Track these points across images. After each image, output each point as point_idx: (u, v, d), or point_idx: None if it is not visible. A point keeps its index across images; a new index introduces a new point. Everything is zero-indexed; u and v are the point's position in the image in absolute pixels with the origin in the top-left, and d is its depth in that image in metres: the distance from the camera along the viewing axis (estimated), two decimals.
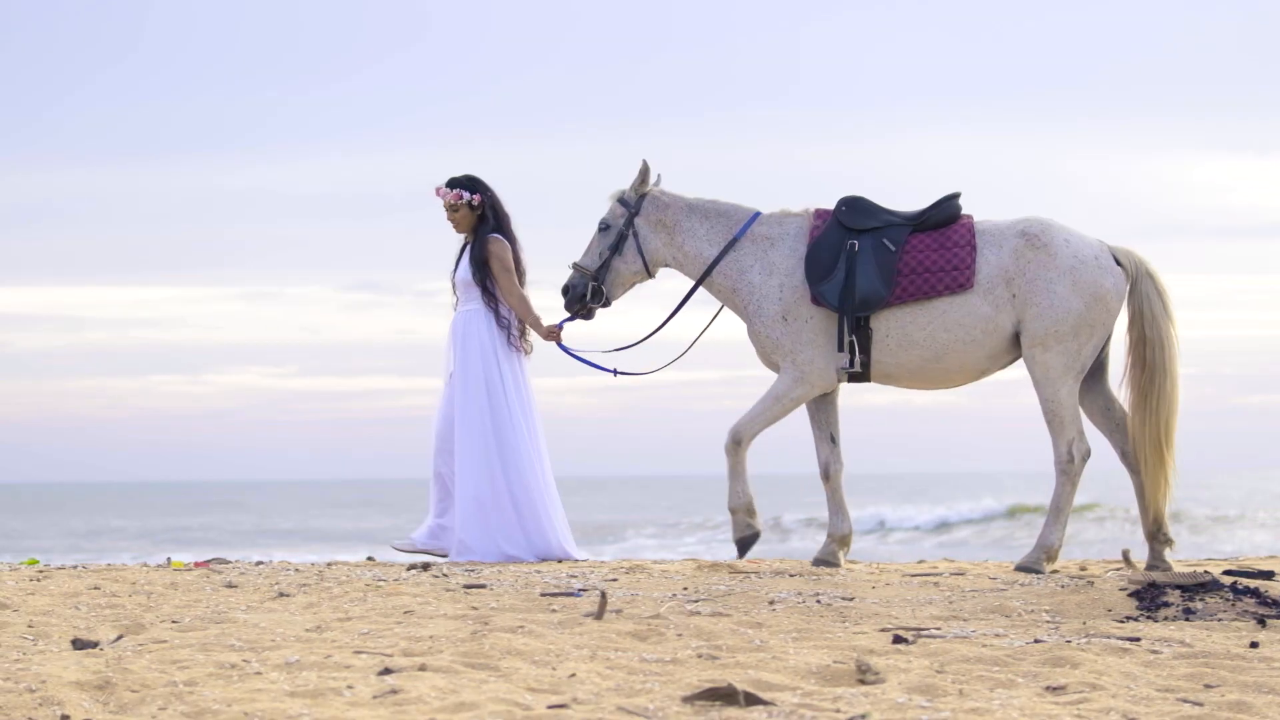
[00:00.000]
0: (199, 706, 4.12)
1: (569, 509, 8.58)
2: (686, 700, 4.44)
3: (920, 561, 8.95)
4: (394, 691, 4.35)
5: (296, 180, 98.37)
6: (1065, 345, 7.58)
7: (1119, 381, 7.83)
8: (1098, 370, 7.87)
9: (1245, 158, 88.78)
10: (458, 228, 8.47)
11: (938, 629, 5.80)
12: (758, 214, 7.99)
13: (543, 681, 4.62)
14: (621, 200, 8.05)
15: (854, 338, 7.64)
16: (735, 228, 7.94)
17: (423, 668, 4.70)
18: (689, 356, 8.14)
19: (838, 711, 4.40)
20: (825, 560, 7.87)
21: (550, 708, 4.28)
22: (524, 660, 4.93)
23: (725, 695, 4.44)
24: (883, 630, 5.73)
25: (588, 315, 8.06)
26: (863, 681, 4.84)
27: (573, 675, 4.70)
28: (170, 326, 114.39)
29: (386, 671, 4.63)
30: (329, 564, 8.00)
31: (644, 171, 8.07)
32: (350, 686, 4.38)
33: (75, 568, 7.52)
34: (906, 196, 7.94)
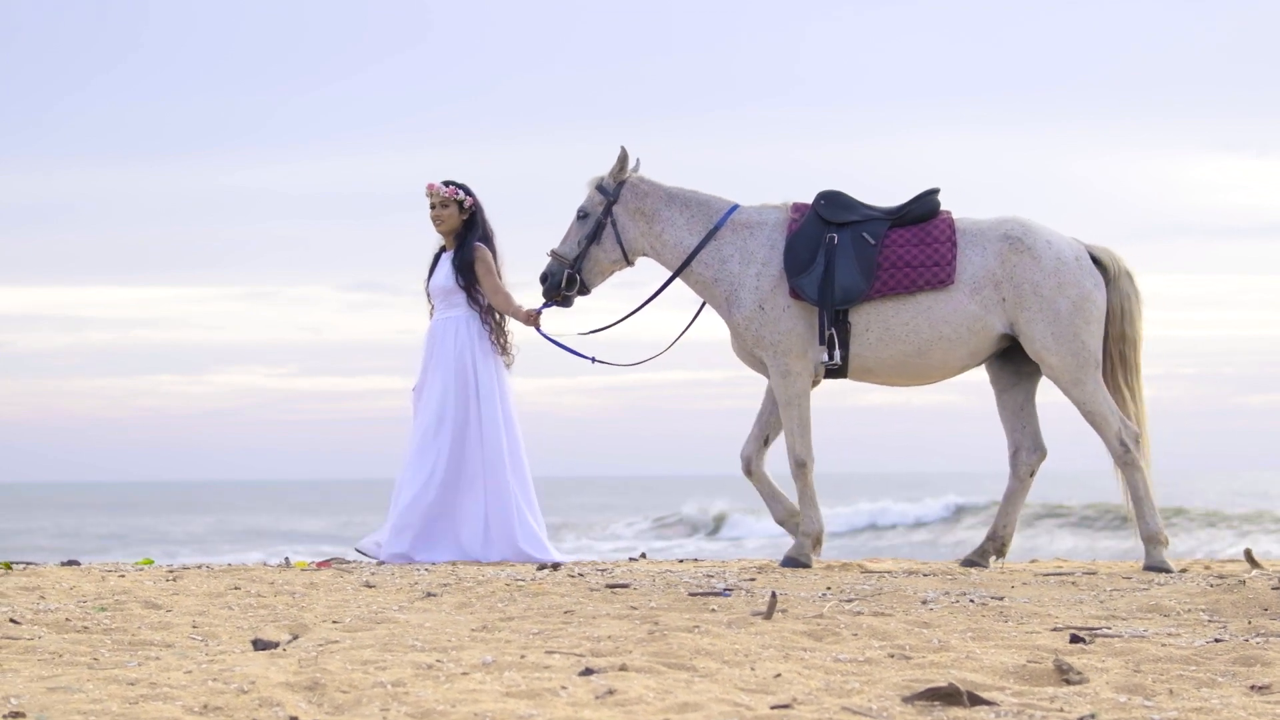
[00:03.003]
0: (422, 708, 4.00)
1: (568, 509, 8.44)
2: (907, 700, 4.32)
3: (1033, 560, 8.85)
4: (611, 692, 4.23)
5: (296, 180, 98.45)
6: (1068, 346, 7.53)
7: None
8: (1036, 372, 7.82)
9: (1245, 158, 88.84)
10: (441, 226, 8.32)
11: (1109, 628, 5.70)
12: (736, 206, 7.90)
13: (748, 682, 4.50)
14: (600, 188, 7.94)
15: (833, 331, 7.55)
16: (715, 218, 7.84)
17: (623, 668, 4.58)
18: (692, 356, 8.16)
19: (1061, 711, 4.29)
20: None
21: (774, 708, 4.17)
22: (716, 660, 4.81)
23: (947, 695, 4.33)
24: (1054, 630, 5.62)
25: (565, 303, 7.95)
26: (1067, 681, 4.72)
27: (778, 676, 4.58)
28: (171, 326, 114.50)
29: (588, 672, 4.51)
30: (454, 564, 7.88)
31: (622, 159, 7.95)
32: (564, 687, 4.26)
33: (200, 568, 7.40)
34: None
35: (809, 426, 7.73)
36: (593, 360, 8.03)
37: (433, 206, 8.29)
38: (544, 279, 7.95)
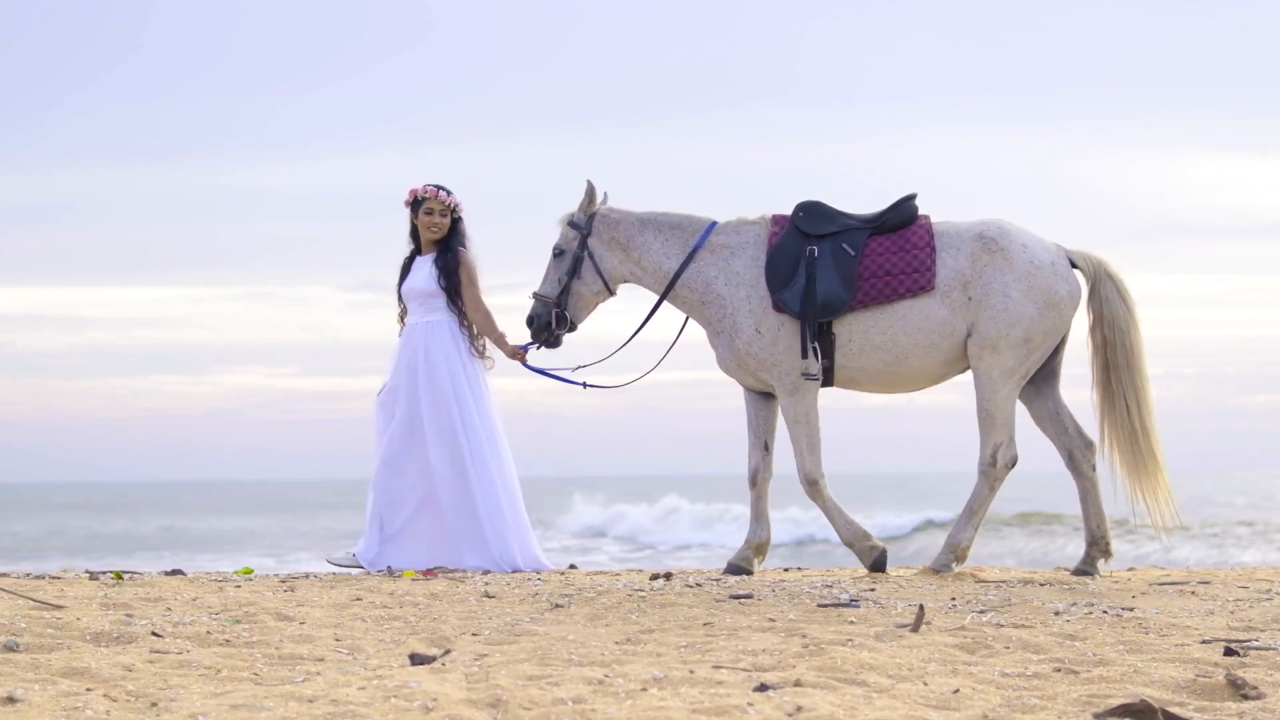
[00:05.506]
0: None
1: (567, 509, 8.40)
2: (1099, 717, 4.23)
3: (1131, 569, 8.76)
4: (799, 709, 4.13)
5: (296, 180, 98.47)
6: (1014, 350, 7.44)
7: (1084, 385, 7.76)
8: (1049, 376, 7.75)
9: (1245, 158, 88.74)
10: (438, 234, 8.25)
11: (1256, 640, 5.61)
12: (714, 223, 7.83)
13: (928, 697, 4.40)
14: (572, 223, 7.90)
15: (816, 344, 7.47)
16: (692, 238, 7.78)
17: (798, 683, 4.48)
18: (692, 356, 8.12)
19: None
20: (738, 566, 7.71)
21: None
22: (883, 675, 4.70)
23: (1139, 712, 4.23)
24: (1204, 643, 5.53)
25: (554, 343, 7.89)
26: (1245, 696, 4.63)
27: (956, 691, 4.49)
28: (172, 326, 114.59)
29: (763, 688, 4.41)
30: (564, 573, 7.80)
31: (590, 192, 7.89)
32: (749, 704, 4.16)
33: (307, 576, 7.32)
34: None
35: (818, 444, 7.68)
36: (584, 386, 8.04)
37: (430, 213, 8.22)
38: (530, 322, 7.90)
